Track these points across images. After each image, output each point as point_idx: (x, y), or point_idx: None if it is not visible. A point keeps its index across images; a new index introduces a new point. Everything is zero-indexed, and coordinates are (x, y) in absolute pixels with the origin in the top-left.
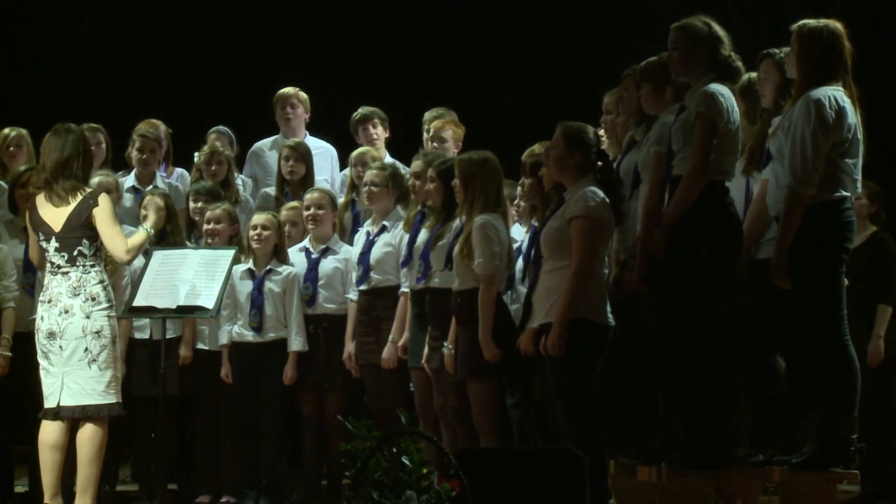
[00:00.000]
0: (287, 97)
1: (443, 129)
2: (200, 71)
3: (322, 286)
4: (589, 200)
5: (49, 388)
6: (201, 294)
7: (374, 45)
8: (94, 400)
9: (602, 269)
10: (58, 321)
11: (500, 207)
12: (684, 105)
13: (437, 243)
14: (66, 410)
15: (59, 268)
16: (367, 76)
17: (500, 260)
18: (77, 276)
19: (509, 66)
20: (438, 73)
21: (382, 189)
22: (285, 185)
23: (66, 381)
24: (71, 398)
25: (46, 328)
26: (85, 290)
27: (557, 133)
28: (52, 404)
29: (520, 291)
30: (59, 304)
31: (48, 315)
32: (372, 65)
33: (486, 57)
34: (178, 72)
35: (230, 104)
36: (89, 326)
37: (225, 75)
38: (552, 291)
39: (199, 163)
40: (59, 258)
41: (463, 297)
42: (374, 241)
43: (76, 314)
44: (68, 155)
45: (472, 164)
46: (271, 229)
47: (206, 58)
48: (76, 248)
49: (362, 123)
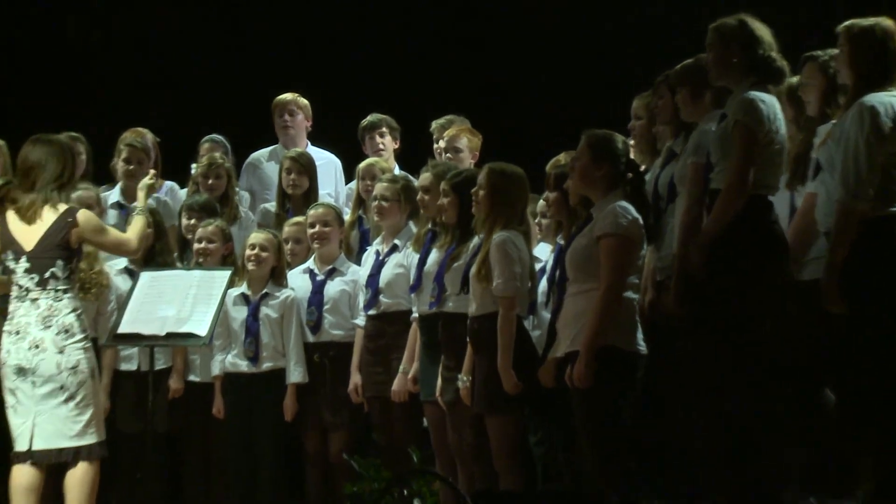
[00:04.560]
0: (286, 103)
1: (457, 137)
2: (191, 75)
3: (328, 311)
4: (618, 217)
5: (18, 429)
6: (193, 320)
7: (382, 47)
8: (72, 442)
9: (634, 291)
10: (28, 356)
11: (523, 227)
12: (725, 113)
13: (453, 264)
14: (41, 455)
15: (28, 292)
16: (375, 80)
17: (521, 281)
18: (47, 304)
19: (528, 69)
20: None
21: (393, 204)
22: (286, 199)
23: (39, 422)
24: (44, 441)
25: (14, 363)
26: (57, 320)
27: (582, 142)
28: (23, 447)
29: (543, 317)
30: (29, 337)
31: (15, 349)
32: (379, 68)
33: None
34: (167, 76)
35: (224, 111)
36: (64, 362)
37: (218, 79)
38: (578, 317)
39: (196, 175)
40: (29, 280)
41: (480, 322)
42: (384, 262)
43: (48, 349)
44: (54, 167)
45: (503, 178)
46: (270, 250)
47: (198, 60)
48: (49, 270)
49: (370, 132)
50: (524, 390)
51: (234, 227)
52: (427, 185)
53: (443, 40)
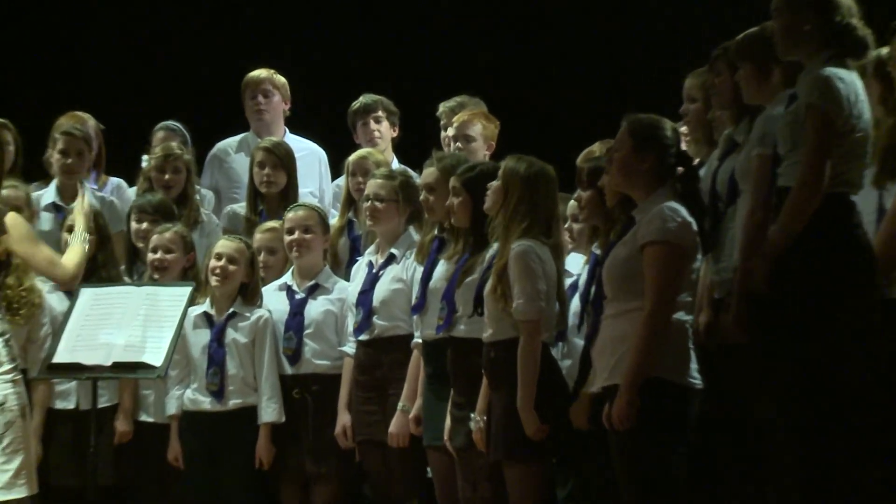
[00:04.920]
0: (259, 82)
1: (470, 124)
2: (142, 48)
3: (310, 336)
4: (667, 220)
5: None
6: (144, 347)
7: (375, 12)
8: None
9: (686, 312)
10: None
11: (551, 238)
12: (796, 94)
13: (465, 279)
14: None
15: None
16: (368, 53)
17: (546, 301)
18: None
19: (555, 40)
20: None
21: (390, 205)
22: (259, 199)
23: None
24: None
25: None
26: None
27: (623, 129)
28: None
29: (575, 343)
30: None
31: None
32: (373, 39)
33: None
34: (112, 50)
35: (182, 91)
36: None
37: (175, 53)
38: (618, 343)
39: (148, 169)
40: None
41: (497, 350)
42: (378, 275)
43: None
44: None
45: (524, 173)
46: (239, 262)
47: (149, 30)
48: None
49: (363, 117)
50: (551, 434)
51: (194, 233)
52: (432, 183)
53: (451, 4)
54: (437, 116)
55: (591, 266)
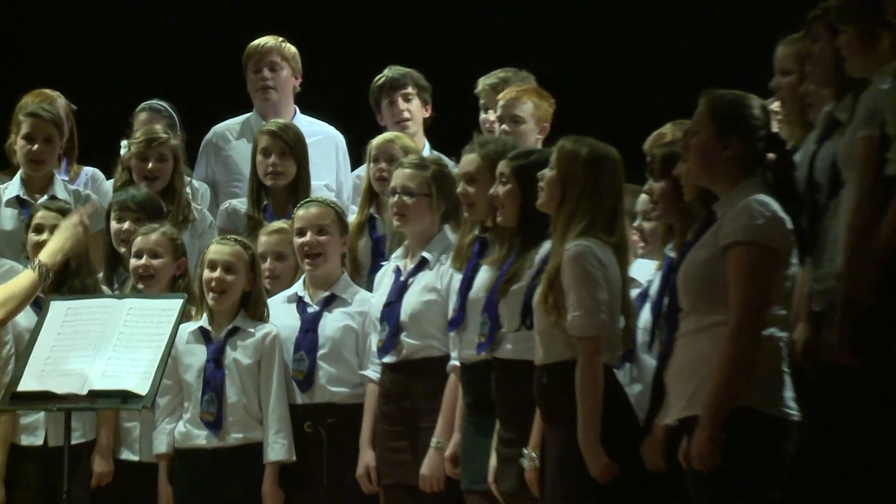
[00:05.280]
0: (264, 52)
1: (518, 102)
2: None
3: (325, 358)
4: (755, 216)
5: None
6: (128, 372)
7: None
8: None
9: (779, 327)
10: None
11: (614, 235)
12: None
13: (510, 287)
14: None
15: None
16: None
17: (609, 314)
18: None
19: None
20: (502, 14)
21: (421, 199)
22: (264, 194)
23: None
24: None
25: None
26: None
27: (701, 108)
28: None
29: (645, 365)
30: None
31: None
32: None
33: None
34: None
35: (170, 65)
36: None
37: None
38: (698, 365)
39: (128, 157)
40: None
41: (550, 374)
42: (407, 284)
43: None
44: None
45: (586, 160)
46: (237, 270)
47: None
48: None
49: (389, 93)
50: (619, 474)
51: (185, 235)
52: (473, 172)
53: None
54: (476, 94)
55: (664, 272)
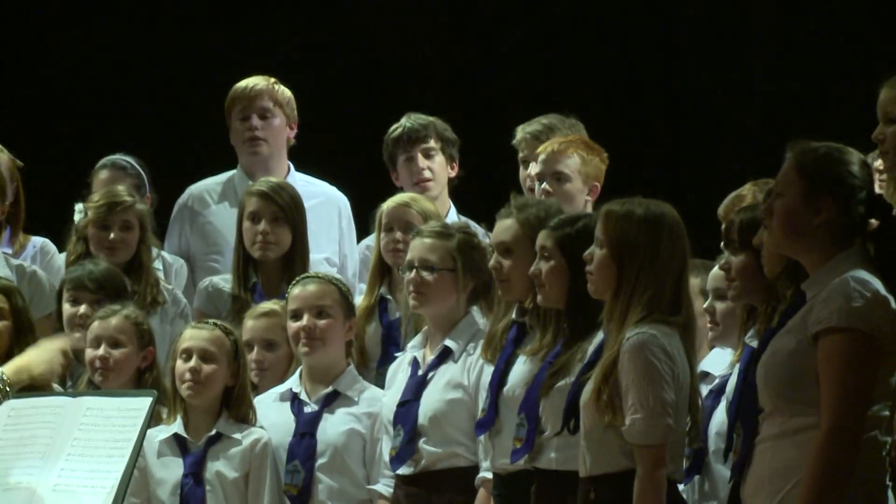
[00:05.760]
0: (253, 96)
1: (563, 156)
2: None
3: (325, 468)
4: (852, 297)
5: None
6: (84, 487)
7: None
8: None
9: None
10: None
11: (681, 314)
12: None
13: (556, 383)
14: None
15: None
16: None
17: (675, 417)
18: None
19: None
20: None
21: (444, 275)
22: (252, 269)
23: None
24: None
25: None
26: None
27: (788, 163)
28: None
29: (718, 477)
30: None
31: None
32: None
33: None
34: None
35: (137, 112)
36: None
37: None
38: (782, 477)
39: (85, 224)
40: None
41: (601, 488)
42: (426, 379)
43: None
44: None
45: (639, 223)
46: (219, 359)
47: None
48: None
49: (407, 148)
50: None
51: (154, 320)
52: (509, 242)
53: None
54: (513, 145)
55: (743, 364)
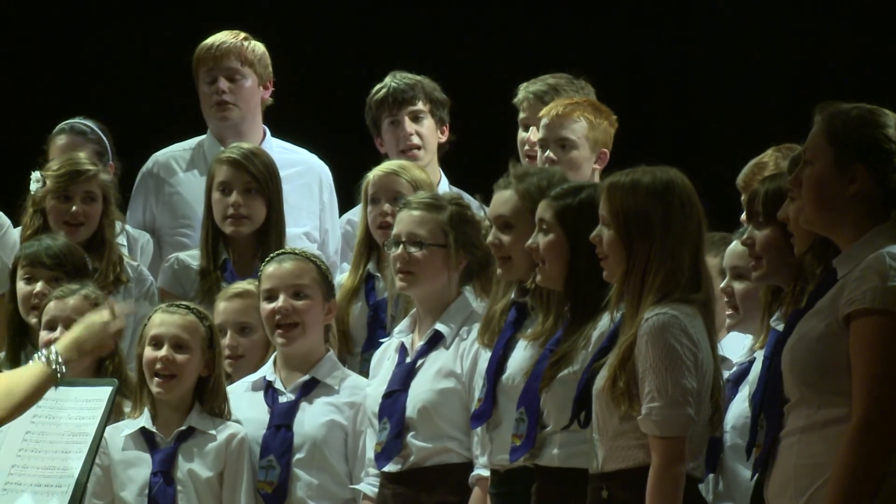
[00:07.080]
0: (221, 55)
1: (568, 119)
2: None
3: (302, 464)
4: (888, 276)
5: None
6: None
7: None
8: None
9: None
10: None
11: (701, 290)
12: None
13: (558, 373)
14: None
15: None
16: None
17: (695, 406)
18: None
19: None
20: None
21: (434, 252)
22: (222, 245)
23: None
24: None
25: None
26: None
27: (817, 127)
28: None
29: (736, 475)
30: None
31: None
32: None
33: None
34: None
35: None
36: None
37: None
38: (809, 474)
39: (42, 195)
40: None
41: (614, 486)
42: (415, 367)
43: None
44: None
45: (648, 194)
46: (192, 347)
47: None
48: None
49: (392, 110)
50: None
51: (116, 299)
52: (507, 215)
53: None
54: (513, 105)
55: (769, 350)
